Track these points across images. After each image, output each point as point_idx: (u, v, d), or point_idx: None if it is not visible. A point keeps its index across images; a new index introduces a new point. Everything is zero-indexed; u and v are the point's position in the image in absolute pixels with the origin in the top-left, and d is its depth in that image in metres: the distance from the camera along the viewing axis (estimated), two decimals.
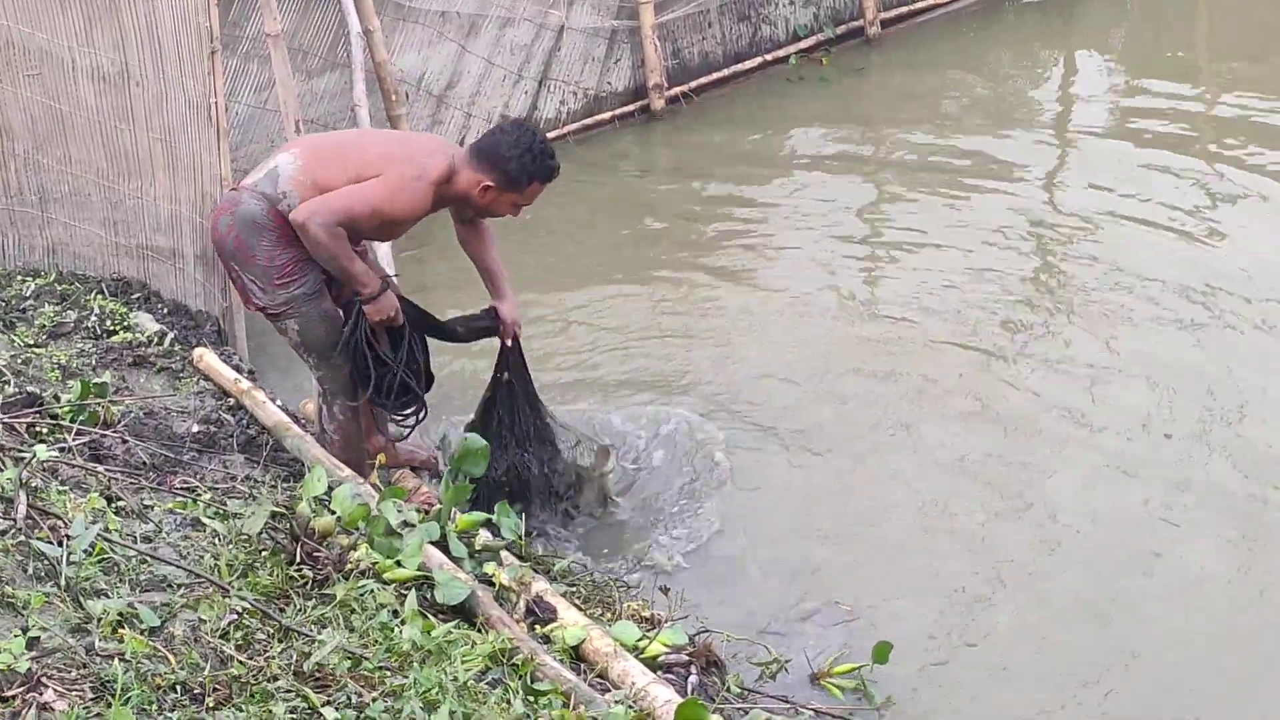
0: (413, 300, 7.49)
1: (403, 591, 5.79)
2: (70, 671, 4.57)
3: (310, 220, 6.79)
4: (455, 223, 7.61)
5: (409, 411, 7.52)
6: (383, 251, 8.92)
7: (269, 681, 4.82)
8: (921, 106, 13.62)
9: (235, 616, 5.20)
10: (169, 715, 4.43)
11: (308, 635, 5.21)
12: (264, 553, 5.93)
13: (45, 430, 6.79)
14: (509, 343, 7.63)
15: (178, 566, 5.50)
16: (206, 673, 4.77)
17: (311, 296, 7.11)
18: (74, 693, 4.45)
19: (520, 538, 6.97)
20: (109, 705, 4.35)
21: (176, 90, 8.62)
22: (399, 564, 6.00)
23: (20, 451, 6.12)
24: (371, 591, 5.68)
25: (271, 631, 5.22)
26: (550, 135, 12.63)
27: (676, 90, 13.71)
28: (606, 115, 13.43)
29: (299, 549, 5.99)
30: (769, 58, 14.31)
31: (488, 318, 7.60)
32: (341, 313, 7.23)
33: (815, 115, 13.55)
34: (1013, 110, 13.56)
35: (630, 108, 13.58)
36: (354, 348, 7.20)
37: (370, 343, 7.19)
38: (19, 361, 7.77)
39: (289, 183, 6.95)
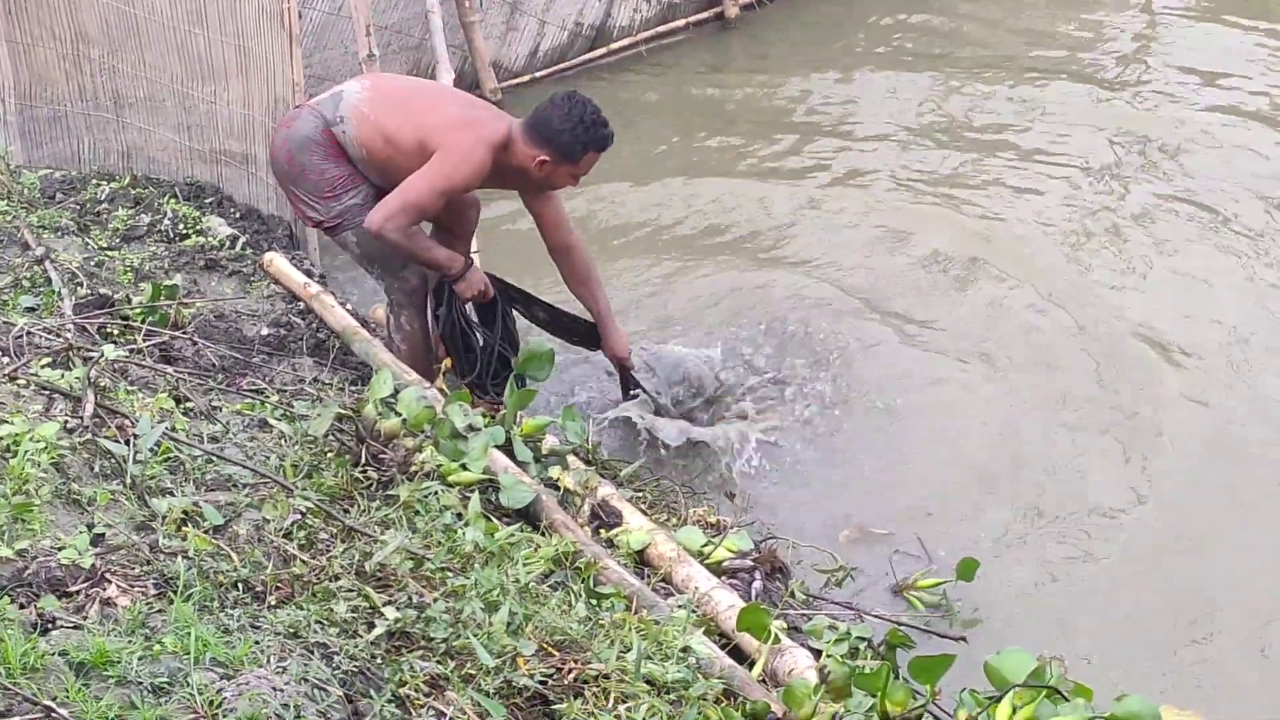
0: (497, 275, 7.58)
1: (467, 494, 5.80)
2: (134, 568, 4.62)
3: (384, 228, 6.89)
4: (555, 259, 7.64)
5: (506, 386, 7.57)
6: None
7: (330, 580, 4.86)
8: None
9: (299, 516, 5.24)
10: (230, 612, 4.46)
11: (370, 536, 5.24)
12: (329, 454, 5.97)
13: (116, 332, 6.84)
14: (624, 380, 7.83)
15: (243, 466, 5.54)
16: (269, 571, 4.81)
17: (365, 206, 7.12)
18: (137, 589, 4.49)
19: (587, 443, 6.99)
20: (171, 602, 4.38)
21: None
22: (464, 467, 6.03)
23: (90, 351, 6.16)
24: (435, 494, 5.71)
25: (335, 532, 5.27)
26: (623, 43, 12.66)
27: None
28: (680, 23, 13.34)
29: (364, 451, 6.04)
30: None
31: (588, 333, 7.75)
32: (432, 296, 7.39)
33: (892, 16, 13.45)
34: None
35: (704, 15, 13.49)
36: (451, 329, 7.32)
37: (467, 322, 7.31)
38: (92, 264, 7.81)
39: (349, 109, 7.03)
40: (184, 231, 8.60)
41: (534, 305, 7.72)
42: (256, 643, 4.30)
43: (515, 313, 7.64)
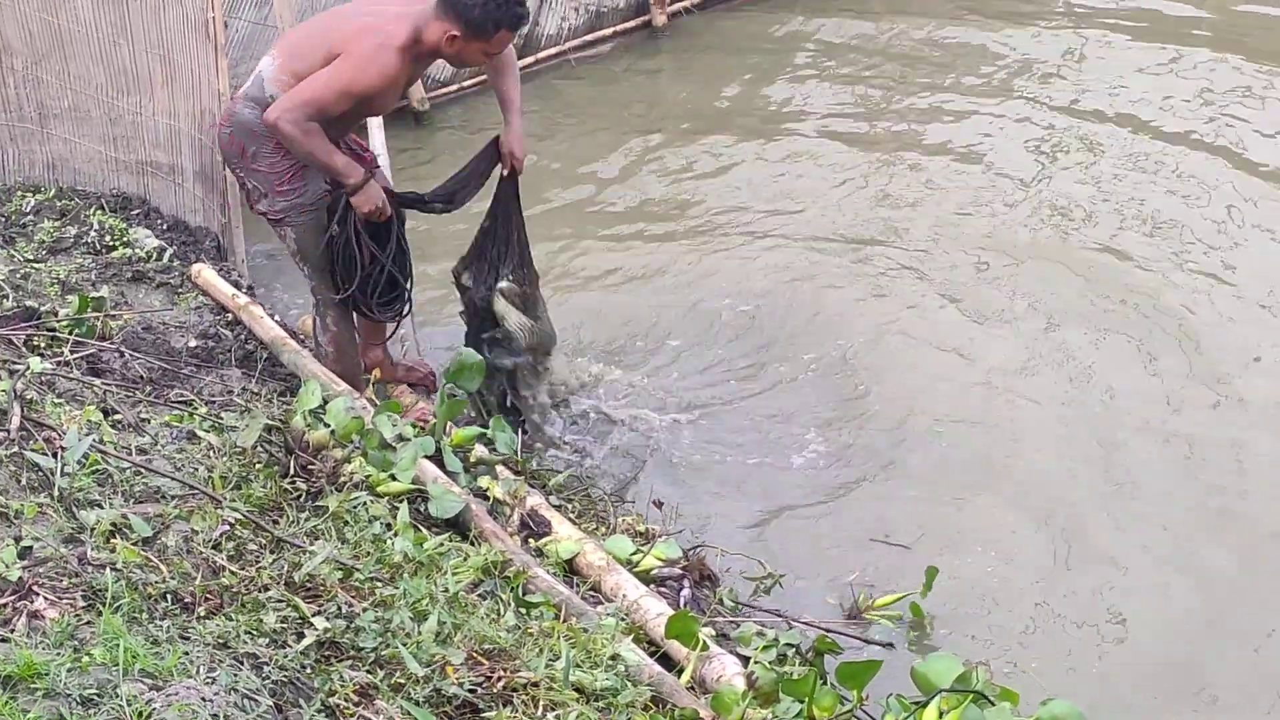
0: (394, 189, 7.39)
1: (395, 505, 5.81)
2: (62, 580, 4.59)
3: (280, 120, 6.72)
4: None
5: (394, 309, 7.49)
6: (376, 137, 8.94)
7: (260, 591, 4.84)
8: (930, 11, 13.56)
9: (228, 528, 5.22)
10: (159, 623, 4.45)
11: (299, 546, 5.23)
12: (258, 465, 5.96)
13: (43, 344, 6.80)
14: (505, 172, 7.41)
15: (171, 478, 5.52)
16: (198, 582, 4.79)
17: (310, 207, 7.10)
18: (65, 601, 4.47)
19: (516, 452, 7.00)
20: (99, 614, 4.37)
21: (174, 5, 8.59)
22: (393, 477, 6.04)
23: (16, 364, 6.13)
24: (364, 504, 5.71)
25: (264, 543, 5.25)
26: (550, 52, 12.66)
27: (679, 5, 13.67)
28: (608, 31, 13.34)
29: (293, 462, 6.04)
30: None
31: (483, 158, 7.41)
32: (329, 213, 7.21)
33: (820, 25, 13.48)
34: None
35: (632, 24, 13.48)
36: (343, 242, 7.14)
37: (359, 238, 7.13)
38: (18, 276, 7.77)
39: (273, 84, 6.89)
40: (111, 243, 8.58)
41: (429, 198, 7.39)
42: (186, 653, 4.28)
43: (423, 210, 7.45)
